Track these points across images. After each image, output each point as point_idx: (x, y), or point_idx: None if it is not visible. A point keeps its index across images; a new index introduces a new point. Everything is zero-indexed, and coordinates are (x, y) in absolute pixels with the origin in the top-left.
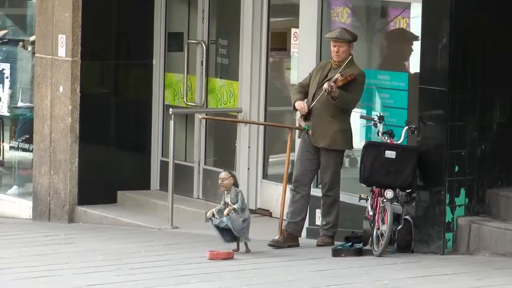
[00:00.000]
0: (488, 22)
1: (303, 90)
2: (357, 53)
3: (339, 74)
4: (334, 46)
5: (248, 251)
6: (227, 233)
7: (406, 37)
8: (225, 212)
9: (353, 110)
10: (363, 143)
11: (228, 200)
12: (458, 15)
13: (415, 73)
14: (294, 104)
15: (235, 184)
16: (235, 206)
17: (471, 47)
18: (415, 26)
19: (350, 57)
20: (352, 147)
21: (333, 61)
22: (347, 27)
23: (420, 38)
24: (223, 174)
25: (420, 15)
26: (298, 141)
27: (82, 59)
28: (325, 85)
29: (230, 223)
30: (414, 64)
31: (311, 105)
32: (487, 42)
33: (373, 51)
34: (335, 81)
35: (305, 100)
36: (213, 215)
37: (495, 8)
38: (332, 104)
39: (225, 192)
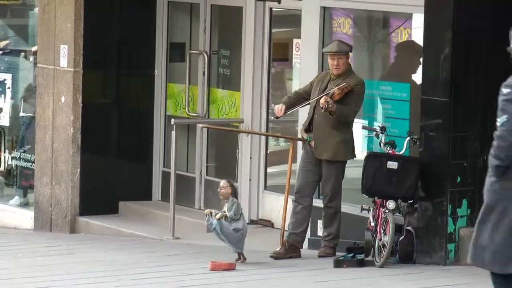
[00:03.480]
0: (490, 32)
1: (295, 97)
2: (359, 63)
3: (336, 88)
4: (333, 60)
5: (244, 260)
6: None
7: (408, 47)
8: (217, 216)
9: (354, 121)
10: (364, 154)
11: (225, 208)
12: (460, 25)
13: (417, 84)
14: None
15: (234, 195)
16: (227, 214)
17: (473, 58)
18: (417, 37)
19: (349, 67)
20: (355, 157)
21: (332, 73)
22: (349, 38)
23: (422, 48)
24: (223, 182)
25: (422, 25)
26: (300, 152)
27: (84, 69)
28: (322, 101)
29: (219, 228)
30: (416, 74)
31: (312, 118)
32: (489, 53)
33: (375, 62)
34: (331, 96)
35: (301, 105)
36: (211, 213)
37: (497, 18)
38: (332, 117)
39: (225, 200)
